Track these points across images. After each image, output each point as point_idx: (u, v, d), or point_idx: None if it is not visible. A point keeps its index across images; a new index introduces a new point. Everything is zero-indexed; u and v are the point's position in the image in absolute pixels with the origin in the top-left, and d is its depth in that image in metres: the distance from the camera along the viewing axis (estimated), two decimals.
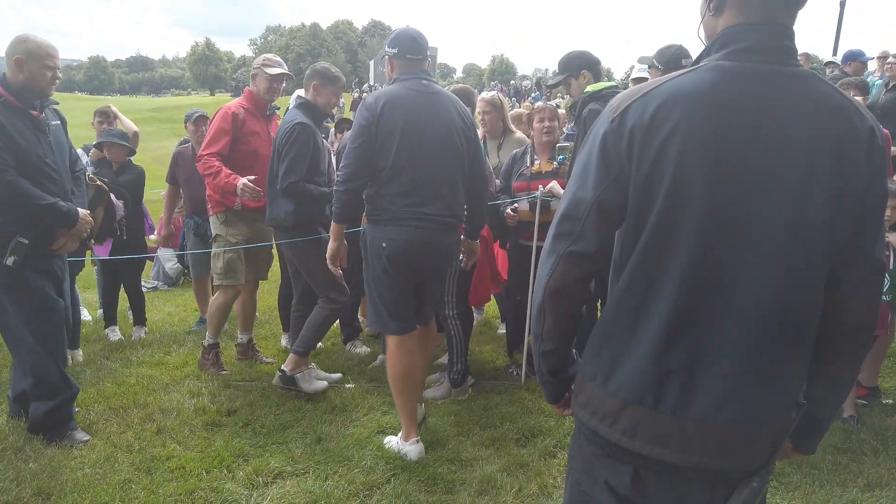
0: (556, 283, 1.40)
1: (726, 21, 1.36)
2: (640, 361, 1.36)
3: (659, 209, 1.30)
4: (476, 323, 5.76)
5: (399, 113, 3.19)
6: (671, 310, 1.32)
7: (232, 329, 5.73)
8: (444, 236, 3.33)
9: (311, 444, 3.52)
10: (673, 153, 1.27)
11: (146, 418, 3.84)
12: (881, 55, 9.45)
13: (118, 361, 4.87)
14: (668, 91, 1.31)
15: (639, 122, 1.30)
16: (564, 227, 1.40)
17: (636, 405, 1.36)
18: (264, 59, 4.50)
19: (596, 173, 1.36)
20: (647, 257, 1.34)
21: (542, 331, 1.47)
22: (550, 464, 3.30)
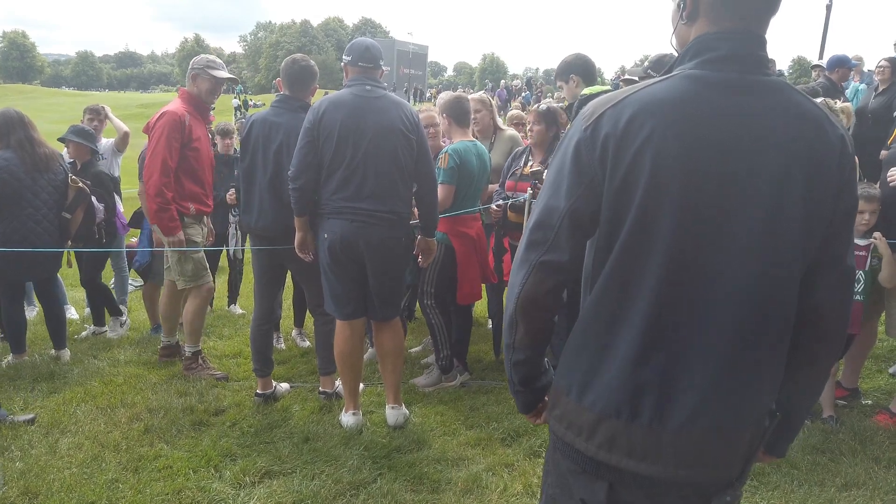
0: (529, 294, 1.39)
1: (699, 29, 1.36)
2: (614, 374, 1.34)
3: (632, 219, 1.29)
4: None
5: (338, 115, 3.45)
6: (645, 321, 1.30)
7: (217, 329, 5.75)
8: (380, 231, 3.52)
9: (299, 444, 3.54)
10: (647, 163, 1.27)
11: (134, 417, 3.85)
12: (856, 58, 9.56)
13: (106, 361, 4.86)
14: (642, 100, 1.30)
15: (612, 131, 1.29)
16: (537, 236, 1.38)
17: (612, 419, 1.34)
18: (207, 60, 4.41)
19: (569, 181, 1.35)
20: (620, 268, 1.33)
21: (514, 341, 1.45)
22: (535, 463, 3.34)
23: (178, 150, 4.21)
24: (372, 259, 3.56)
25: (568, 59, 4.18)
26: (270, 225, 3.92)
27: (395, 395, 3.81)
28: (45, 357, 4.88)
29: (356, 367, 3.79)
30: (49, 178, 4.55)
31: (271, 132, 3.86)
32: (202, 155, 4.40)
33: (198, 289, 4.53)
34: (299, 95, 3.98)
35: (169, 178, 4.19)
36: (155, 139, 4.20)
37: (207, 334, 5.62)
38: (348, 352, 3.73)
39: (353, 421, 3.72)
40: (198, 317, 4.57)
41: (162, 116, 4.23)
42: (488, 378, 4.56)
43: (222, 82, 4.42)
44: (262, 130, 3.89)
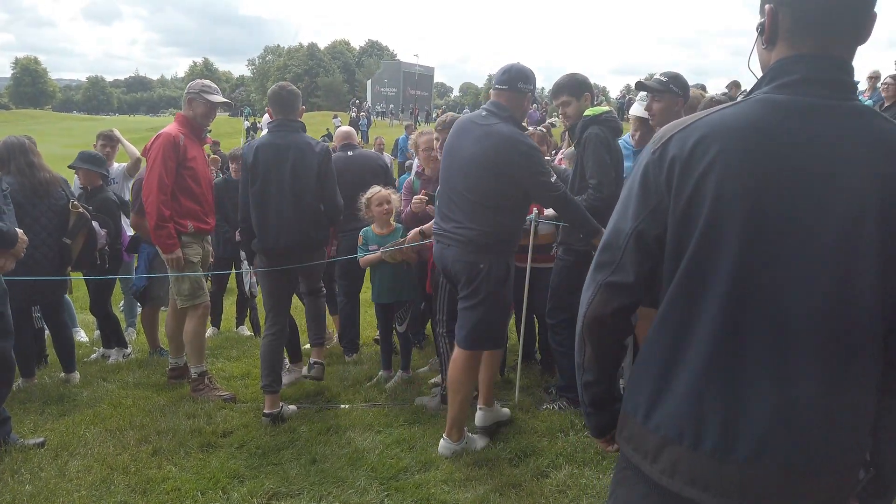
0: (595, 313, 1.40)
1: (778, 54, 1.34)
2: (678, 399, 1.31)
3: (694, 245, 1.28)
4: None
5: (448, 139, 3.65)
6: (709, 347, 1.28)
7: (221, 351, 5.77)
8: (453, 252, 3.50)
9: (306, 465, 3.55)
10: (710, 186, 1.25)
11: (142, 440, 3.86)
12: (872, 75, 9.60)
13: (115, 383, 4.89)
14: (711, 124, 1.30)
15: (679, 154, 1.30)
16: (605, 258, 1.40)
17: (675, 444, 1.31)
18: (203, 85, 4.56)
19: (636, 204, 1.36)
20: (684, 291, 1.32)
21: (584, 361, 1.47)
22: (543, 483, 3.32)
23: (174, 169, 4.33)
24: (451, 281, 3.63)
25: (579, 77, 4.10)
26: (294, 240, 4.15)
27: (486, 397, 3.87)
28: (55, 380, 4.91)
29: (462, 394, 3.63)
30: (50, 203, 4.61)
31: (280, 153, 4.06)
32: (199, 174, 4.50)
33: (194, 308, 4.57)
34: (291, 118, 4.21)
35: (166, 195, 4.30)
36: (151, 159, 4.33)
37: (216, 356, 5.65)
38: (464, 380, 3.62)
39: (447, 447, 3.63)
40: (198, 336, 4.62)
41: (157, 138, 4.38)
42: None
43: (217, 106, 4.58)
44: (270, 154, 4.07)
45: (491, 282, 3.45)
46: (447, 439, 3.65)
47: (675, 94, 3.71)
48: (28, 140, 4.78)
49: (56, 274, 4.64)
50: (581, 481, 3.29)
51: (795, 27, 1.31)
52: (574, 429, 3.87)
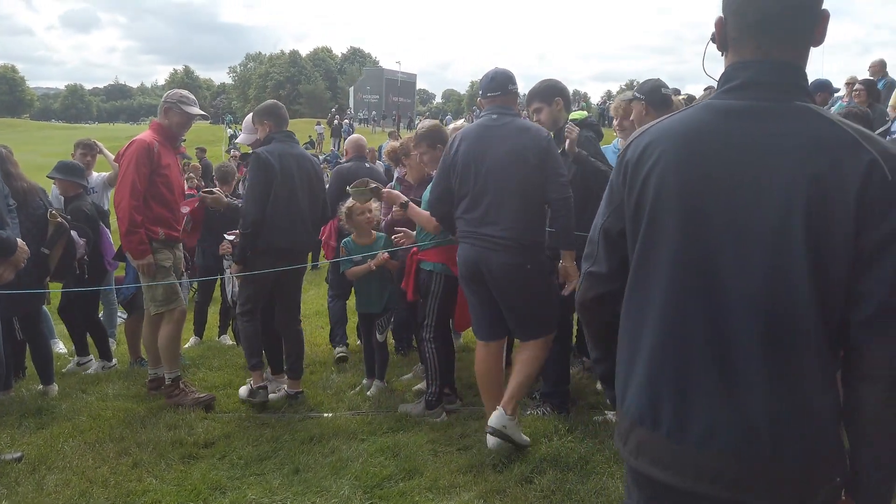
0: (580, 299, 1.61)
1: (727, 61, 1.43)
2: (639, 384, 1.42)
3: (641, 238, 1.42)
4: (456, 347, 5.79)
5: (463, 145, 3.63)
6: (659, 334, 1.39)
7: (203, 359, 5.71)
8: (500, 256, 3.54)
9: (289, 475, 3.52)
10: (652, 185, 1.38)
11: (122, 452, 3.81)
12: (849, 81, 9.75)
13: (94, 395, 4.82)
14: (660, 129, 1.43)
15: (631, 157, 1.44)
16: (588, 250, 1.59)
17: (639, 427, 1.42)
18: (181, 95, 4.62)
19: (605, 203, 1.53)
20: (636, 281, 1.44)
21: (589, 342, 1.68)
22: (527, 489, 3.32)
23: (147, 175, 4.33)
24: (494, 284, 3.60)
25: (551, 82, 4.13)
26: (311, 240, 4.73)
27: (507, 399, 3.70)
28: (33, 392, 4.84)
29: (494, 387, 3.79)
30: (27, 213, 4.55)
31: (300, 161, 4.50)
32: (172, 182, 4.53)
33: (170, 313, 4.55)
34: (286, 129, 4.62)
35: (139, 201, 4.30)
36: (125, 165, 4.32)
37: (197, 365, 5.60)
38: (484, 371, 3.78)
39: (493, 440, 3.60)
40: (172, 342, 4.61)
41: (131, 144, 4.37)
42: (478, 404, 4.54)
43: (193, 118, 4.65)
44: (293, 161, 4.44)
45: (537, 279, 3.62)
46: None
47: (640, 99, 4.01)
48: (5, 149, 4.72)
49: (35, 285, 4.58)
50: (566, 486, 3.29)
51: (738, 34, 1.39)
52: (558, 434, 3.87)
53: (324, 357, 5.71)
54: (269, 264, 4.35)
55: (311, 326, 6.78)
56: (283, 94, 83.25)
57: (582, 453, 3.60)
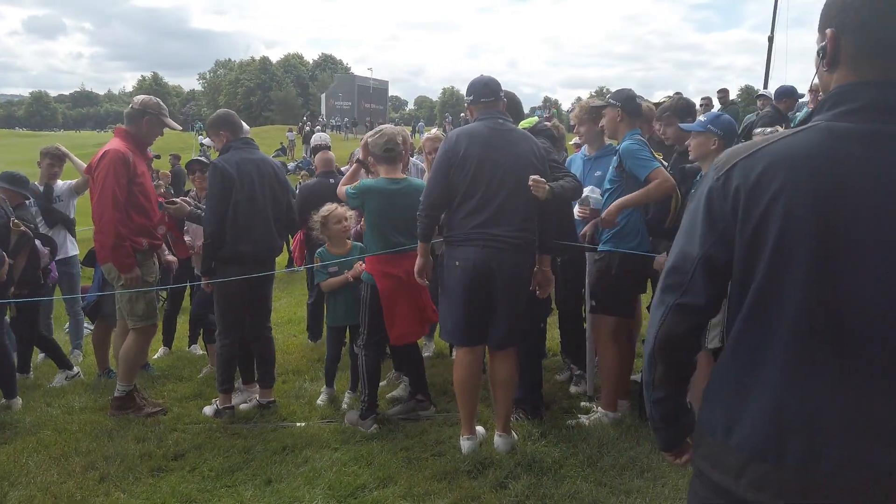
0: (665, 334, 1.46)
1: (840, 78, 1.35)
2: (758, 415, 1.34)
3: (764, 270, 1.32)
4: (431, 354, 5.80)
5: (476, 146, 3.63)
6: (785, 366, 1.32)
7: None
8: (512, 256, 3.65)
9: (261, 486, 3.47)
10: (777, 216, 1.29)
11: (88, 466, 3.73)
12: (813, 88, 9.97)
13: (60, 408, 4.71)
14: (776, 152, 1.32)
15: (743, 184, 1.33)
16: (673, 280, 1.45)
17: (760, 461, 1.33)
18: (161, 105, 4.62)
19: (702, 229, 1.40)
20: (756, 314, 1.35)
21: (654, 378, 1.51)
22: (502, 495, 3.32)
23: (126, 185, 4.28)
24: (503, 284, 3.64)
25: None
26: (276, 245, 4.65)
27: (504, 423, 3.81)
28: None
29: (475, 393, 3.84)
30: None
31: (260, 167, 4.48)
32: (147, 189, 4.52)
33: (146, 329, 4.53)
34: (243, 135, 4.64)
35: (122, 213, 4.26)
36: (101, 177, 4.24)
37: (166, 376, 5.51)
38: (468, 378, 3.77)
39: (469, 445, 3.73)
40: (140, 356, 4.60)
41: (105, 155, 4.29)
42: (453, 410, 4.54)
43: (166, 128, 4.67)
44: (252, 167, 4.43)
45: (529, 280, 3.80)
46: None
47: (616, 106, 4.03)
48: None
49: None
50: (540, 490, 3.30)
51: (859, 53, 1.32)
52: (531, 438, 3.88)
53: (296, 366, 5.65)
54: (237, 273, 4.31)
55: (283, 335, 6.70)
56: (253, 100, 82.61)
57: (556, 457, 3.62)
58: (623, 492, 3.28)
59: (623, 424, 4.05)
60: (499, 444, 3.76)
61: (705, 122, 3.67)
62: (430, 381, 5.04)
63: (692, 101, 5.35)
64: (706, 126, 3.62)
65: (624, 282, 4.03)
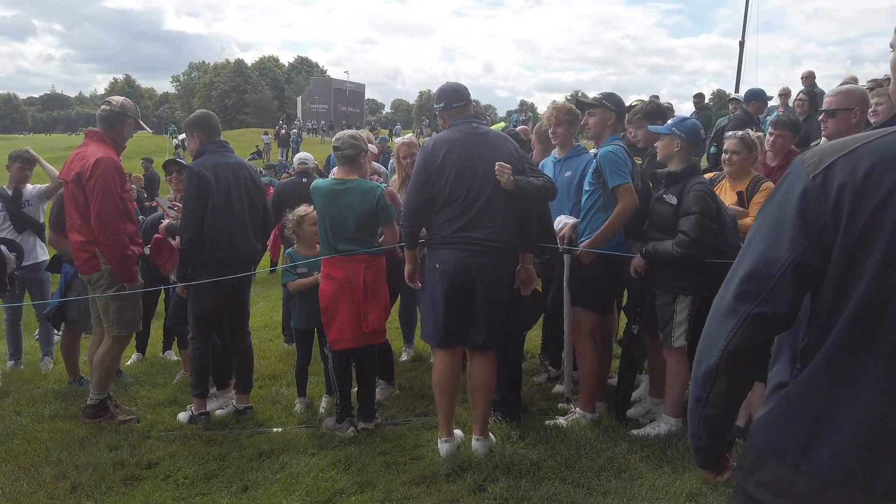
0: (738, 346, 1.32)
1: None
2: (845, 440, 1.25)
3: (870, 278, 1.22)
4: (409, 357, 5.78)
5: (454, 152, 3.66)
6: (883, 388, 1.22)
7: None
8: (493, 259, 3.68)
9: (238, 493, 3.43)
10: (889, 218, 1.19)
11: (59, 476, 3.65)
12: (782, 92, 10.15)
13: (29, 416, 4.61)
14: (880, 150, 1.23)
15: (849, 181, 1.22)
16: (750, 287, 1.31)
17: (842, 487, 1.25)
18: (136, 107, 4.59)
19: (793, 232, 1.27)
20: (856, 328, 1.25)
21: (709, 394, 1.38)
22: (480, 498, 3.32)
23: (121, 194, 4.28)
24: (483, 287, 3.65)
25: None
26: (252, 248, 4.56)
27: (482, 426, 3.80)
28: None
29: (454, 395, 3.87)
30: None
31: (236, 171, 4.42)
32: (128, 195, 4.49)
33: (124, 338, 4.50)
34: (223, 140, 4.59)
35: (124, 223, 4.25)
36: (101, 189, 4.14)
37: (140, 383, 5.43)
38: (447, 380, 3.79)
39: (447, 447, 3.74)
40: (116, 363, 4.56)
41: (98, 164, 4.15)
42: (432, 413, 4.53)
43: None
44: (228, 171, 4.37)
45: (509, 282, 3.81)
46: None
47: (609, 109, 4.06)
48: None
49: None
50: (519, 493, 3.30)
51: None
52: (510, 441, 3.89)
53: (272, 370, 5.60)
54: (213, 277, 4.27)
55: (259, 339, 6.63)
56: (228, 103, 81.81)
57: (534, 459, 3.62)
58: (601, 492, 3.30)
59: (601, 425, 4.07)
60: (477, 447, 3.75)
61: (671, 125, 3.87)
62: (409, 385, 5.05)
63: (663, 105, 5.41)
64: (671, 129, 3.82)
65: (596, 274, 4.06)
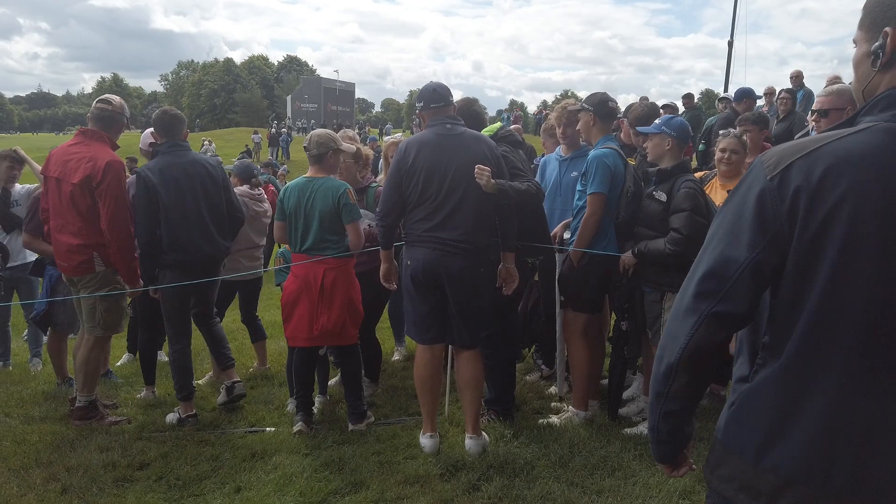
0: (698, 345, 1.35)
1: (893, 79, 1.30)
2: (804, 437, 1.28)
3: (826, 279, 1.24)
4: (401, 357, 5.78)
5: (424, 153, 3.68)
6: (843, 383, 1.25)
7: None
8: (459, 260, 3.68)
9: (230, 494, 3.41)
10: (843, 219, 1.22)
11: (50, 478, 3.61)
12: (768, 91, 10.26)
13: (18, 418, 4.57)
14: (835, 153, 1.25)
15: (804, 184, 1.24)
16: (709, 286, 1.33)
17: (802, 483, 1.28)
18: (129, 111, 4.58)
19: (751, 232, 1.30)
20: (814, 328, 1.27)
21: (670, 390, 1.40)
22: (474, 497, 3.32)
23: (127, 198, 4.29)
24: (451, 286, 3.69)
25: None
26: (216, 248, 4.45)
27: (473, 425, 3.80)
28: None
29: (435, 391, 3.91)
30: None
31: (187, 170, 4.34)
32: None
33: (108, 338, 4.50)
34: (179, 139, 4.48)
35: (131, 226, 4.26)
36: (113, 194, 4.13)
37: (131, 383, 5.39)
38: (427, 376, 3.84)
39: (431, 443, 3.80)
40: (100, 364, 4.57)
41: (109, 168, 4.13)
42: (417, 411, 4.52)
43: None
44: (178, 172, 4.31)
45: (487, 282, 3.84)
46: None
47: (588, 110, 4.13)
48: None
49: None
50: (513, 492, 3.30)
51: None
52: (503, 440, 3.89)
53: (264, 371, 5.58)
54: (179, 279, 4.32)
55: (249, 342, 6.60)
56: (217, 102, 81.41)
57: (527, 458, 3.63)
58: (595, 491, 3.31)
59: (594, 424, 4.08)
60: (469, 445, 3.76)
61: (660, 125, 3.91)
62: (402, 384, 5.05)
63: (655, 107, 5.40)
64: (660, 128, 3.87)
65: (588, 277, 4.08)
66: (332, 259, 4.07)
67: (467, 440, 3.78)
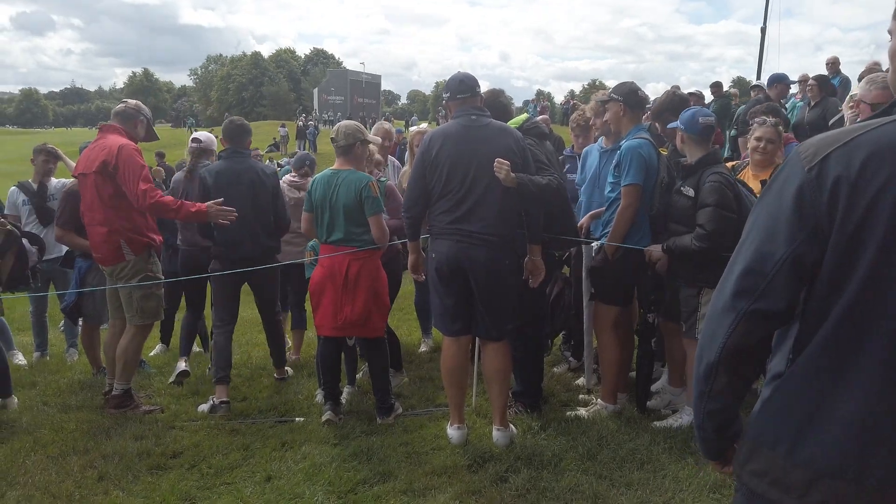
0: (736, 344, 1.33)
1: None
2: (838, 431, 1.26)
3: (866, 270, 1.21)
4: (428, 349, 5.80)
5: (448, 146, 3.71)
6: (882, 376, 1.22)
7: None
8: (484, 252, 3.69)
9: (261, 483, 3.46)
10: (885, 207, 1.18)
11: (87, 465, 3.71)
12: (801, 79, 10.03)
13: (56, 407, 4.69)
14: (875, 141, 1.21)
15: (845, 173, 1.20)
16: (747, 283, 1.31)
17: (834, 478, 1.25)
18: (150, 113, 4.80)
19: (788, 226, 1.26)
20: (850, 320, 1.24)
21: (711, 390, 1.39)
22: (502, 489, 3.32)
23: (147, 174, 4.36)
24: (476, 278, 3.70)
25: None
26: (256, 248, 4.70)
27: (501, 416, 3.81)
28: None
29: (461, 382, 3.93)
30: None
31: (239, 176, 4.63)
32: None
33: (146, 327, 4.57)
34: (241, 148, 4.80)
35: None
36: (129, 164, 4.23)
37: (163, 374, 5.48)
38: (454, 368, 3.86)
39: (458, 435, 3.82)
40: (138, 353, 4.65)
41: (121, 149, 4.26)
42: (444, 404, 4.53)
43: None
44: (231, 176, 4.61)
45: (512, 274, 3.80)
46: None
47: (617, 100, 4.05)
48: None
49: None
50: (540, 484, 3.30)
51: None
52: (531, 432, 3.89)
53: (293, 362, 5.63)
54: (226, 268, 4.63)
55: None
56: (245, 95, 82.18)
57: (555, 451, 3.62)
58: (623, 484, 3.29)
59: (622, 416, 4.06)
60: (497, 437, 3.76)
61: (677, 120, 3.91)
62: (429, 376, 5.06)
63: (685, 96, 5.27)
64: (676, 124, 3.89)
65: (621, 270, 4.03)
66: (358, 250, 4.09)
67: (495, 432, 3.79)
